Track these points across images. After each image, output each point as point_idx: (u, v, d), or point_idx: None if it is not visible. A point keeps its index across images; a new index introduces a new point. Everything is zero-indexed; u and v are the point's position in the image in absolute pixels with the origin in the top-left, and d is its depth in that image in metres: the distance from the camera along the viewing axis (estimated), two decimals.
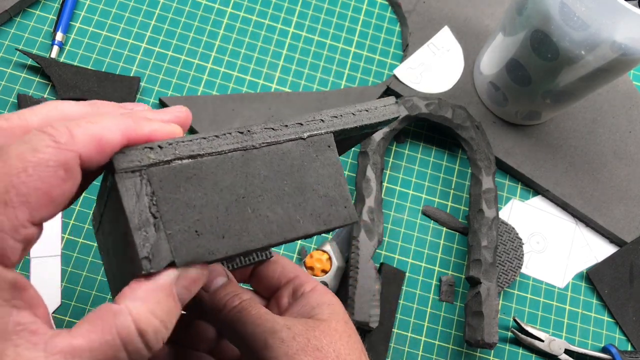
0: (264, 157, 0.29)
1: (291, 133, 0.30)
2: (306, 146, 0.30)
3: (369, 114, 0.33)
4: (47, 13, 0.57)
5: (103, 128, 0.24)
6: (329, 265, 0.49)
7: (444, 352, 0.52)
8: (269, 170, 0.29)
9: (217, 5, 0.60)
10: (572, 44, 0.45)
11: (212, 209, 0.27)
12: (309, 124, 0.30)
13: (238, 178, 0.28)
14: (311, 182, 0.30)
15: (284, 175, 0.29)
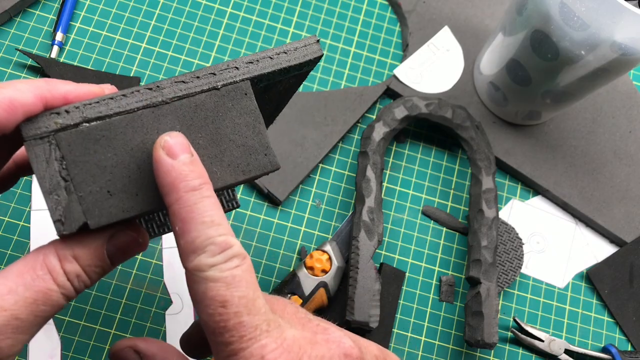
0: (175, 112, 0.28)
1: (204, 84, 0.29)
2: (220, 96, 0.29)
3: (287, 56, 0.31)
4: (47, 13, 0.57)
5: (15, 90, 0.25)
6: (329, 265, 0.49)
7: (444, 352, 0.52)
8: (182, 124, 0.28)
9: (217, 5, 0.60)
10: (572, 44, 0.45)
11: (123, 169, 0.27)
12: (222, 72, 0.29)
13: (149, 135, 0.28)
14: (227, 132, 0.29)
15: (198, 128, 0.29)
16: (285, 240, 0.53)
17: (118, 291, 0.50)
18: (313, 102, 0.56)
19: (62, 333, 0.48)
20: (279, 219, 0.54)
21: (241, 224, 0.53)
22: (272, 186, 0.53)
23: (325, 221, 0.54)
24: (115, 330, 0.49)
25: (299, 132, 0.55)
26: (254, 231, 0.53)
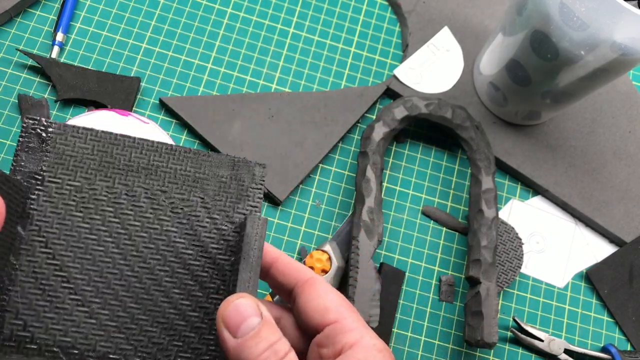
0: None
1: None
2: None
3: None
4: (48, 13, 0.57)
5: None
6: (329, 265, 0.49)
7: (444, 352, 0.52)
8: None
9: (217, 5, 0.60)
10: (571, 44, 0.45)
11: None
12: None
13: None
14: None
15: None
16: (285, 240, 0.53)
17: None
18: (313, 102, 0.57)
19: None
20: (279, 219, 0.54)
21: None
22: (272, 186, 0.53)
23: (325, 221, 0.54)
24: None
25: (299, 132, 0.55)
26: None
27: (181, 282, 0.33)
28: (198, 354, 0.33)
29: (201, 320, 0.33)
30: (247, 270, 0.31)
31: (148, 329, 0.32)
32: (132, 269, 0.33)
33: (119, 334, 0.32)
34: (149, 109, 0.55)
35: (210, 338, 0.33)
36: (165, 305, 0.33)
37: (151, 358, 0.32)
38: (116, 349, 0.32)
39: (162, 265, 0.33)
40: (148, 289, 0.33)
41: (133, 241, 0.33)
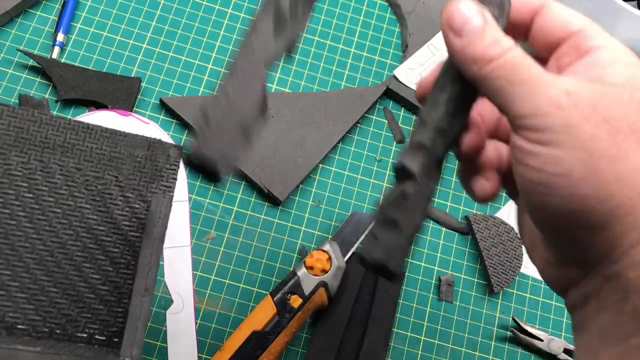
0: None
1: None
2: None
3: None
4: (48, 14, 0.57)
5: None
6: (329, 265, 0.50)
7: (444, 351, 0.52)
8: None
9: (218, 6, 0.60)
10: None
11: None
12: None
13: None
14: None
15: None
16: (285, 240, 0.53)
17: None
18: (313, 103, 0.57)
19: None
20: (279, 219, 0.54)
21: (241, 223, 0.53)
22: (272, 186, 0.53)
23: (325, 221, 0.54)
24: None
25: (299, 132, 0.55)
26: (254, 231, 0.53)
27: (92, 257, 0.34)
28: (106, 326, 0.33)
29: (110, 293, 0.34)
30: (149, 246, 0.31)
31: (58, 301, 0.33)
32: (44, 243, 0.33)
33: (28, 305, 0.32)
34: (150, 109, 0.55)
35: (118, 310, 0.33)
36: (76, 279, 0.33)
37: (60, 329, 0.32)
38: (25, 320, 0.32)
39: (74, 240, 0.34)
40: (59, 262, 0.33)
41: (46, 216, 0.34)
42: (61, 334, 0.32)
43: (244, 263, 0.52)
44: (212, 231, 0.52)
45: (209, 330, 0.49)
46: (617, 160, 0.24)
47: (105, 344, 0.32)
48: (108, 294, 0.34)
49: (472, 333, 0.53)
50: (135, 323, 0.29)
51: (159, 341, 0.48)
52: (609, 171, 0.24)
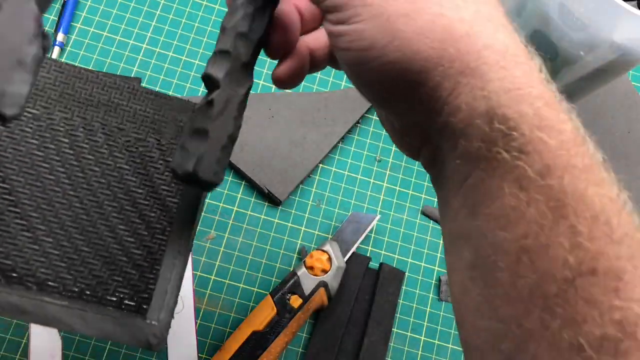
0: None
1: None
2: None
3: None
4: (48, 14, 0.57)
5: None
6: (329, 265, 0.50)
7: (444, 351, 0.52)
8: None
9: (218, 6, 0.60)
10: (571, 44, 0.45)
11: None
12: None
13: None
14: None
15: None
16: (285, 240, 0.53)
17: None
18: (313, 102, 0.57)
19: (63, 332, 0.48)
20: (279, 219, 0.54)
21: (241, 223, 0.53)
22: (272, 186, 0.53)
23: (325, 221, 0.54)
24: None
25: (299, 132, 0.55)
26: (254, 231, 0.53)
27: (128, 219, 0.33)
28: (137, 291, 0.32)
29: (143, 258, 0.33)
30: (185, 210, 0.31)
31: (90, 261, 0.32)
32: (80, 201, 0.33)
33: (61, 262, 0.32)
34: None
35: (150, 277, 0.32)
36: (110, 240, 0.33)
37: (90, 290, 0.32)
38: (56, 277, 0.32)
39: (110, 201, 0.33)
40: (94, 222, 0.33)
41: (85, 174, 0.33)
42: (91, 295, 0.32)
43: (244, 263, 0.52)
44: (212, 231, 0.52)
45: (209, 330, 0.49)
46: (413, 16, 0.24)
47: (135, 309, 0.32)
48: (141, 258, 0.33)
49: None
50: (165, 286, 0.29)
51: None
52: (408, 29, 0.24)
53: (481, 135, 0.24)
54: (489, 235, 0.24)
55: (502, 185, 0.24)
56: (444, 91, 0.25)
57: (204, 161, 0.28)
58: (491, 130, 0.24)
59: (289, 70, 0.31)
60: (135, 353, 0.48)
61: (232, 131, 0.29)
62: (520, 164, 0.23)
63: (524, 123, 0.23)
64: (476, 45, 0.24)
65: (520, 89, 0.24)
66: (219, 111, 0.28)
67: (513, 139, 0.23)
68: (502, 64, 0.24)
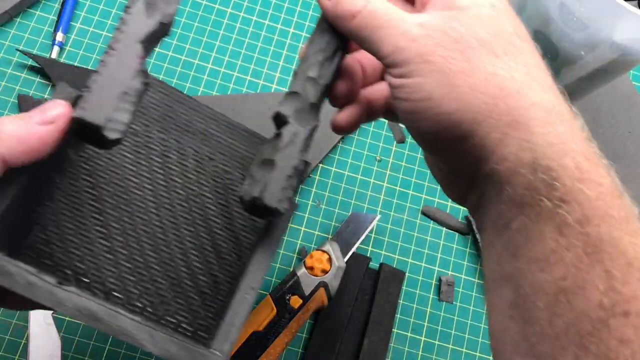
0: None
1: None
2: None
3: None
4: (48, 13, 0.57)
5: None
6: (329, 265, 0.49)
7: (444, 352, 0.52)
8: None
9: (217, 5, 0.60)
10: (571, 44, 0.45)
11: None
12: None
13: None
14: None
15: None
16: (285, 240, 0.53)
17: None
18: None
19: (63, 333, 0.48)
20: None
21: None
22: None
23: (325, 221, 0.54)
24: None
25: None
26: None
27: (201, 246, 0.34)
28: (196, 317, 0.33)
29: (208, 286, 0.33)
30: (265, 249, 0.31)
31: (158, 280, 0.33)
32: (160, 220, 0.33)
33: (130, 275, 0.32)
34: None
35: (211, 306, 0.33)
36: (180, 263, 0.33)
37: (152, 307, 0.32)
38: (123, 289, 0.32)
39: (188, 225, 0.34)
40: (169, 243, 0.33)
41: (170, 195, 0.34)
42: (151, 314, 0.32)
43: None
44: None
45: None
46: (469, 73, 0.27)
47: (191, 335, 0.32)
48: (206, 286, 0.33)
49: (473, 334, 0.53)
50: (234, 319, 0.29)
51: None
52: (464, 84, 0.26)
53: (526, 184, 0.26)
54: (530, 277, 0.26)
55: (544, 230, 0.26)
56: (492, 141, 0.27)
57: (269, 188, 0.30)
58: (535, 179, 0.26)
59: (349, 117, 0.35)
60: (135, 354, 0.48)
61: (297, 163, 0.31)
62: (561, 212, 0.25)
63: (565, 175, 0.25)
64: (525, 102, 0.26)
65: (564, 143, 0.26)
66: (285, 143, 0.31)
67: (555, 188, 0.25)
68: (548, 120, 0.26)
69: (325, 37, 0.32)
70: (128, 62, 0.28)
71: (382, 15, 0.28)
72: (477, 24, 0.27)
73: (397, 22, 0.28)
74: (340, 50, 0.32)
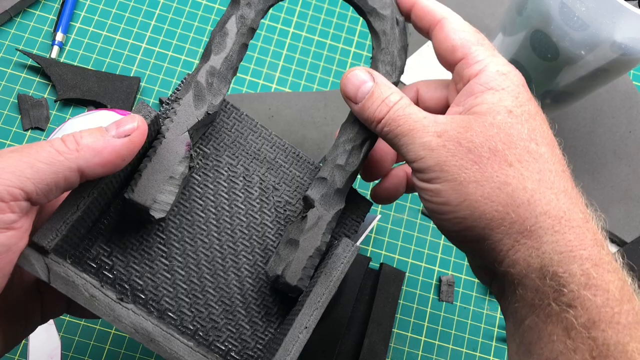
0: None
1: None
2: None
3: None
4: (47, 13, 0.57)
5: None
6: None
7: (445, 352, 0.52)
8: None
9: (217, 5, 0.60)
10: (572, 44, 0.45)
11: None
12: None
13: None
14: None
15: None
16: None
17: None
18: (313, 102, 0.57)
19: (62, 333, 0.48)
20: None
21: None
22: None
23: None
24: (115, 330, 0.49)
25: (299, 132, 0.55)
26: None
27: (257, 275, 0.34)
28: (245, 347, 0.33)
29: (260, 317, 0.34)
30: (323, 286, 0.32)
31: (212, 305, 0.33)
32: (221, 245, 0.34)
33: (186, 297, 0.33)
34: None
35: (261, 337, 0.34)
36: (235, 290, 0.34)
37: (203, 332, 0.33)
38: (177, 310, 0.33)
39: (247, 253, 0.34)
40: (227, 268, 0.34)
41: (232, 221, 0.34)
42: (202, 338, 0.33)
43: None
44: None
45: None
46: (482, 183, 0.29)
47: None
48: (258, 317, 0.34)
49: (473, 334, 0.53)
50: (285, 357, 0.29)
51: None
52: (477, 194, 0.29)
53: (535, 288, 0.28)
54: None
55: (553, 331, 0.28)
56: (504, 246, 0.29)
57: (292, 267, 0.33)
58: (543, 285, 0.28)
59: (383, 190, 0.37)
60: (135, 354, 0.48)
61: (319, 245, 0.33)
62: (568, 316, 0.27)
63: (572, 282, 0.27)
64: (534, 211, 0.28)
65: (572, 251, 0.28)
66: (310, 226, 0.34)
67: (563, 294, 0.27)
68: (557, 229, 0.28)
69: (355, 127, 0.34)
70: (176, 149, 0.32)
71: (404, 123, 0.30)
72: (491, 132, 0.29)
73: (418, 131, 0.30)
74: (369, 140, 0.34)
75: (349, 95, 0.33)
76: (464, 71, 0.31)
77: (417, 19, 0.34)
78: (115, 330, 0.48)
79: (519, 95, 0.30)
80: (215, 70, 0.33)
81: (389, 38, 0.37)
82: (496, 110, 0.29)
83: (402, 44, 0.37)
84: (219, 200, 0.35)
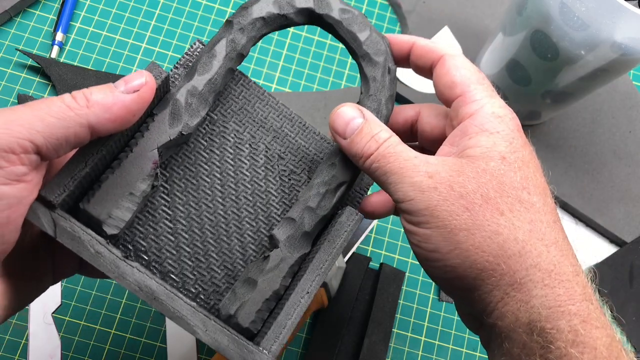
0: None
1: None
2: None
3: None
4: (47, 13, 0.57)
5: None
6: None
7: (444, 352, 0.52)
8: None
9: (217, 5, 0.60)
10: (572, 44, 0.45)
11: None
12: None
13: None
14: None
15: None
16: None
17: (118, 291, 0.50)
18: (313, 102, 0.56)
19: (62, 333, 0.48)
20: None
21: None
22: None
23: None
24: (115, 330, 0.49)
25: None
26: None
27: (260, 242, 0.34)
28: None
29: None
30: (326, 253, 0.31)
31: (214, 269, 0.33)
32: (224, 211, 0.34)
33: (188, 260, 0.33)
34: None
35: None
36: (238, 256, 0.34)
37: (204, 295, 0.33)
38: (179, 273, 0.33)
39: (251, 220, 0.35)
40: (230, 234, 0.34)
41: (237, 187, 0.35)
42: (203, 301, 0.33)
43: None
44: None
45: None
46: (473, 232, 0.28)
47: (239, 330, 0.32)
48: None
49: (473, 334, 0.53)
50: (286, 321, 0.30)
51: (159, 342, 0.48)
52: (468, 242, 0.28)
53: (522, 343, 0.27)
54: None
55: None
56: (494, 298, 0.28)
57: (245, 308, 0.31)
58: (531, 341, 0.27)
59: (374, 205, 0.36)
60: (135, 354, 0.48)
61: (277, 288, 0.32)
62: None
63: (560, 339, 0.27)
64: (525, 263, 0.27)
65: (560, 306, 0.27)
66: (271, 267, 0.32)
67: (550, 351, 0.26)
68: (547, 282, 0.27)
69: (332, 171, 0.34)
70: (141, 165, 0.31)
71: (394, 160, 0.29)
72: (484, 179, 0.28)
73: (409, 170, 0.29)
74: (344, 185, 0.34)
75: (337, 130, 0.32)
76: (460, 109, 0.31)
77: (417, 58, 0.34)
78: (115, 330, 0.49)
79: (514, 140, 0.29)
80: (197, 90, 0.33)
81: (379, 85, 0.36)
82: (489, 156, 0.29)
83: (390, 93, 0.36)
84: (225, 166, 0.35)
